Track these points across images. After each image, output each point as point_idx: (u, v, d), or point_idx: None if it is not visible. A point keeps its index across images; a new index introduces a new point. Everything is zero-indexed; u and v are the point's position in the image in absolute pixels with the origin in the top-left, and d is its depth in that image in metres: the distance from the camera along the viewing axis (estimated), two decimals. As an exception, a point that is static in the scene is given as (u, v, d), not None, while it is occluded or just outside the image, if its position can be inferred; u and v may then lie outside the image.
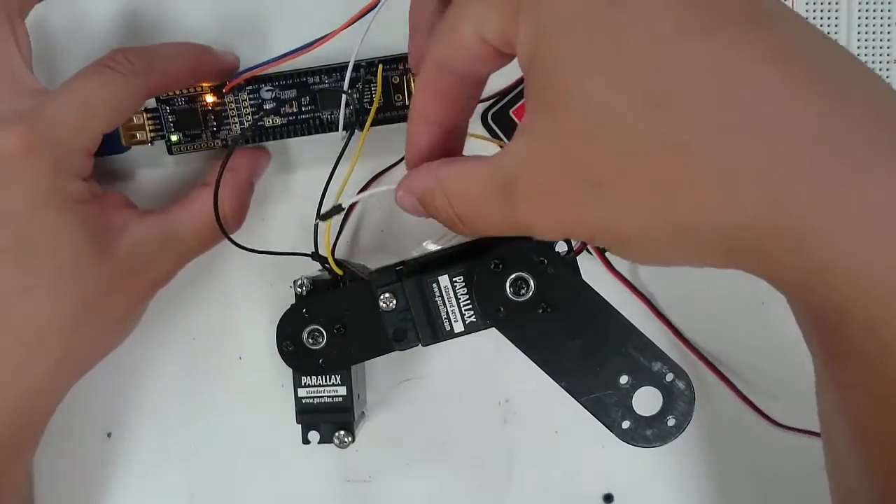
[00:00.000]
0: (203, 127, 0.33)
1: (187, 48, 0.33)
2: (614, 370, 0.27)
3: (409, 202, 0.26)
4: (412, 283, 0.28)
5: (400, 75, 0.33)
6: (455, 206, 0.25)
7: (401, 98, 0.33)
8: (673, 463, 0.36)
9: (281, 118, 0.33)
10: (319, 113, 0.33)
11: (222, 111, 0.33)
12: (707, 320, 0.36)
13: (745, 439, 0.36)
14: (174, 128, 0.33)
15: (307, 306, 0.30)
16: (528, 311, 0.27)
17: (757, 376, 0.36)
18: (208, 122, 0.33)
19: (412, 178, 0.26)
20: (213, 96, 0.33)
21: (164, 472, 0.37)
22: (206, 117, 0.33)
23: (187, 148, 0.34)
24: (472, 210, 0.24)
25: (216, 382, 0.37)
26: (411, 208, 0.26)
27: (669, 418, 0.27)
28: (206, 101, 0.33)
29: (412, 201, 0.26)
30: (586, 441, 0.36)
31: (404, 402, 0.37)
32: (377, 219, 0.37)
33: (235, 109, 0.33)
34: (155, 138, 0.33)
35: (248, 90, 0.33)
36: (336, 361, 0.30)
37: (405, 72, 0.33)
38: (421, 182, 0.26)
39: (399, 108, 0.33)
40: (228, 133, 0.33)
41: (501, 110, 0.36)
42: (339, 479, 0.37)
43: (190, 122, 0.33)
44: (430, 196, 0.25)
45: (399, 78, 0.33)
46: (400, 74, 0.33)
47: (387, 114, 0.33)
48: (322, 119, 0.33)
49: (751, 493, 0.36)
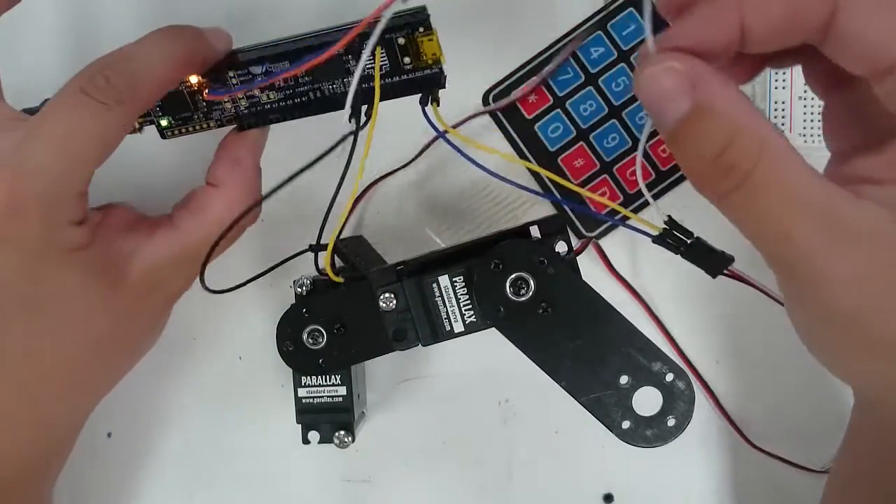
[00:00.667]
0: (193, 109, 0.31)
1: (174, 44, 0.28)
2: (614, 370, 0.27)
3: (673, 107, 0.20)
4: (412, 283, 0.28)
5: (406, 35, 0.28)
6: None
7: (410, 61, 0.29)
8: (673, 463, 0.36)
9: (276, 92, 0.30)
10: (319, 84, 0.30)
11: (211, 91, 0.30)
12: (701, 328, 0.36)
13: (724, 454, 0.36)
14: (161, 112, 0.30)
15: (307, 306, 0.30)
16: (528, 311, 0.27)
17: (740, 389, 0.36)
18: (198, 104, 0.30)
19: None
20: (197, 76, 0.30)
21: (164, 472, 0.37)
22: (195, 98, 0.30)
23: (180, 131, 0.31)
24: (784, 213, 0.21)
25: (216, 382, 0.37)
26: (663, 106, 0.21)
27: (669, 418, 0.27)
28: (191, 83, 0.30)
29: (679, 107, 0.20)
30: (586, 441, 0.36)
31: (404, 402, 0.37)
32: (378, 219, 0.37)
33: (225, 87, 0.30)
34: (144, 124, 0.31)
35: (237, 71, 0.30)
36: (336, 361, 0.30)
37: (412, 32, 0.28)
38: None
39: (408, 72, 0.29)
40: (222, 113, 0.31)
41: (503, 92, 0.36)
42: (339, 479, 0.37)
43: (177, 105, 0.30)
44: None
45: (405, 38, 0.28)
46: (406, 35, 0.28)
47: (394, 79, 0.29)
48: (323, 91, 0.30)
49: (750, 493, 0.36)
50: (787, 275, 0.23)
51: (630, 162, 0.36)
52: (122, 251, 0.29)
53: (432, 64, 0.29)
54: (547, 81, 0.36)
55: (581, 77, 0.36)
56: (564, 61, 0.35)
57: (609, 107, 0.36)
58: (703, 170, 0.21)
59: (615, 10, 0.35)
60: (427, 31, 0.28)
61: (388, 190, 0.36)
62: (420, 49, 0.28)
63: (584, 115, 0.36)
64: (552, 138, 0.36)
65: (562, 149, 0.36)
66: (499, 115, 0.36)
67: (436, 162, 0.36)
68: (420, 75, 0.29)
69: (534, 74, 0.36)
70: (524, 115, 0.36)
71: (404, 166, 0.36)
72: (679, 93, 0.21)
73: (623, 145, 0.36)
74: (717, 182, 0.21)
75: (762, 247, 0.23)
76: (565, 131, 0.36)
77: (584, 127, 0.36)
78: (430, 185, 0.37)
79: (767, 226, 0.22)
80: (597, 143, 0.36)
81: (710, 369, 0.36)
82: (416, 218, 0.36)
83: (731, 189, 0.21)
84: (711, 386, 0.36)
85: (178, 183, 0.32)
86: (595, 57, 0.36)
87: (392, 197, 0.37)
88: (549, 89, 0.36)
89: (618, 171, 0.36)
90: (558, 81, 0.36)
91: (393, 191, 0.37)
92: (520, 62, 0.36)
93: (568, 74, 0.36)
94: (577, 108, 0.36)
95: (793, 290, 0.24)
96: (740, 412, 0.36)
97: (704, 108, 0.20)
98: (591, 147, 0.36)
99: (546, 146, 0.36)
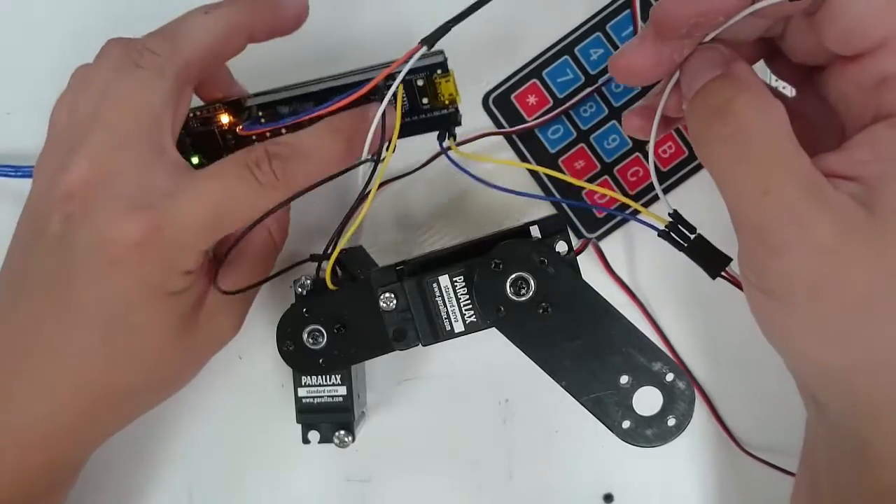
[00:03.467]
0: (223, 147, 0.32)
1: (336, 145, 0.29)
2: (614, 370, 0.27)
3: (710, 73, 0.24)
4: (412, 282, 0.28)
5: (425, 77, 0.30)
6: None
7: (428, 101, 0.30)
8: (673, 463, 0.36)
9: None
10: None
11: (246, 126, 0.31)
12: (698, 331, 0.36)
13: (723, 454, 0.36)
14: (192, 150, 0.32)
15: (307, 306, 0.30)
16: (528, 311, 0.27)
17: (735, 392, 0.36)
18: (227, 143, 0.32)
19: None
20: (228, 116, 0.31)
21: (164, 472, 0.37)
22: (225, 137, 0.32)
23: None
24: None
25: (216, 382, 0.37)
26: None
27: (669, 418, 0.27)
28: (222, 122, 0.31)
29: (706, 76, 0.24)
30: (586, 441, 0.36)
31: (404, 402, 0.37)
32: (381, 219, 0.37)
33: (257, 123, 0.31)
34: None
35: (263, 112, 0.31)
36: (336, 361, 0.30)
37: (430, 74, 0.30)
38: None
39: (426, 112, 0.30)
40: None
41: (503, 95, 0.36)
42: (339, 479, 0.37)
43: (208, 144, 0.32)
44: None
45: (423, 80, 0.30)
46: (425, 77, 0.30)
47: (413, 118, 0.31)
48: None
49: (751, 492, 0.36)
50: (754, 239, 0.23)
51: (630, 163, 0.36)
52: (198, 295, 0.29)
53: (449, 104, 0.30)
54: (547, 83, 0.36)
55: (581, 78, 0.36)
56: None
57: (609, 108, 0.36)
58: (708, 114, 0.23)
59: (614, 12, 0.36)
60: (444, 74, 0.29)
61: (388, 195, 0.36)
62: (438, 90, 0.30)
63: (584, 117, 0.36)
64: (552, 140, 0.36)
65: (562, 150, 0.36)
66: (499, 118, 0.36)
67: (439, 167, 0.36)
68: (437, 115, 0.30)
69: (533, 76, 0.36)
70: (524, 118, 0.36)
71: (408, 174, 0.36)
72: (717, 64, 0.24)
73: (623, 146, 0.36)
74: (716, 124, 0.23)
75: (740, 206, 0.23)
76: (566, 133, 0.36)
77: (584, 128, 0.36)
78: (430, 189, 0.37)
79: (752, 180, 0.22)
80: (597, 144, 0.36)
81: (707, 372, 0.36)
82: (416, 224, 0.37)
83: (727, 134, 0.23)
84: (707, 389, 0.36)
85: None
86: (595, 58, 0.36)
87: (393, 202, 0.37)
88: (548, 91, 0.36)
89: (618, 172, 0.36)
90: (558, 83, 0.36)
91: (394, 197, 0.37)
92: (519, 65, 0.36)
93: (567, 76, 0.36)
94: (577, 109, 0.36)
95: (755, 259, 0.24)
96: (735, 415, 0.36)
97: (731, 74, 0.24)
98: (592, 149, 0.36)
99: (546, 148, 0.36)
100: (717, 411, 0.36)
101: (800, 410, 0.29)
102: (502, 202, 0.36)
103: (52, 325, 0.27)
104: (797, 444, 0.30)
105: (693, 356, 0.36)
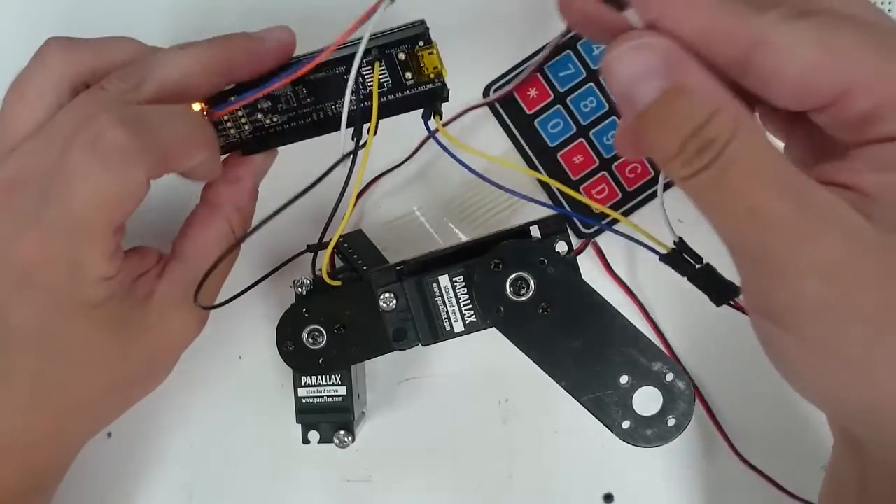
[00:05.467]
0: None
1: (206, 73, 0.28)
2: (614, 370, 0.27)
3: (644, 88, 0.20)
4: (412, 282, 0.28)
5: (406, 50, 0.28)
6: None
7: (412, 76, 0.28)
8: (673, 463, 0.36)
9: (279, 115, 0.30)
10: (322, 105, 0.30)
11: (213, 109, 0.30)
12: (697, 333, 0.36)
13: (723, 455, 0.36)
14: None
15: (307, 306, 0.30)
16: (528, 311, 0.27)
17: (734, 395, 0.36)
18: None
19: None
20: (199, 103, 0.29)
21: (164, 472, 0.37)
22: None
23: None
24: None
25: (216, 382, 0.37)
26: (628, 96, 0.21)
27: (669, 418, 0.27)
28: (194, 110, 0.29)
29: (649, 91, 0.20)
30: (586, 441, 0.36)
31: (404, 402, 0.37)
32: (378, 213, 0.37)
33: (228, 114, 0.30)
34: None
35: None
36: (336, 361, 0.30)
37: (412, 46, 0.28)
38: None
39: (410, 87, 0.29)
40: (226, 139, 0.30)
41: (505, 85, 0.36)
42: (339, 479, 0.37)
43: None
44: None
45: (405, 53, 0.28)
46: (406, 50, 0.28)
47: (396, 95, 0.29)
48: (326, 112, 0.30)
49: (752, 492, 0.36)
50: (751, 266, 0.21)
51: (629, 159, 0.36)
52: (139, 297, 0.29)
53: (434, 78, 0.28)
54: (548, 77, 0.36)
55: (582, 73, 0.35)
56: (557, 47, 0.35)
57: (610, 104, 0.36)
58: (675, 148, 0.20)
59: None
60: (427, 45, 0.28)
61: (388, 182, 0.36)
62: (421, 63, 0.28)
63: (584, 112, 0.36)
64: (552, 134, 0.36)
65: (561, 145, 0.36)
66: (499, 109, 0.36)
67: (434, 154, 0.36)
68: (422, 90, 0.29)
69: (535, 70, 0.35)
70: (524, 111, 0.36)
71: (403, 162, 0.36)
72: (655, 72, 0.21)
73: (623, 143, 0.36)
74: (689, 160, 0.20)
75: (728, 231, 0.21)
76: (565, 127, 0.36)
77: (584, 123, 0.36)
78: (429, 177, 0.36)
79: (735, 202, 0.20)
80: (597, 139, 0.36)
81: (706, 372, 0.36)
82: (416, 210, 0.36)
83: (702, 166, 0.20)
84: (705, 391, 0.36)
85: (181, 214, 0.32)
86: (597, 53, 0.35)
87: (392, 190, 0.36)
88: (549, 85, 0.36)
89: (617, 168, 0.36)
90: (559, 77, 0.36)
91: (393, 183, 0.36)
92: (521, 58, 0.36)
93: (569, 70, 0.36)
94: (577, 104, 0.36)
95: (757, 287, 0.22)
96: (731, 417, 0.36)
97: (683, 87, 0.20)
98: (591, 144, 0.36)
99: (546, 142, 0.36)
100: (713, 412, 0.36)
101: (799, 411, 0.29)
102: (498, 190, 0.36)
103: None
104: (797, 443, 0.30)
105: (693, 356, 0.36)
